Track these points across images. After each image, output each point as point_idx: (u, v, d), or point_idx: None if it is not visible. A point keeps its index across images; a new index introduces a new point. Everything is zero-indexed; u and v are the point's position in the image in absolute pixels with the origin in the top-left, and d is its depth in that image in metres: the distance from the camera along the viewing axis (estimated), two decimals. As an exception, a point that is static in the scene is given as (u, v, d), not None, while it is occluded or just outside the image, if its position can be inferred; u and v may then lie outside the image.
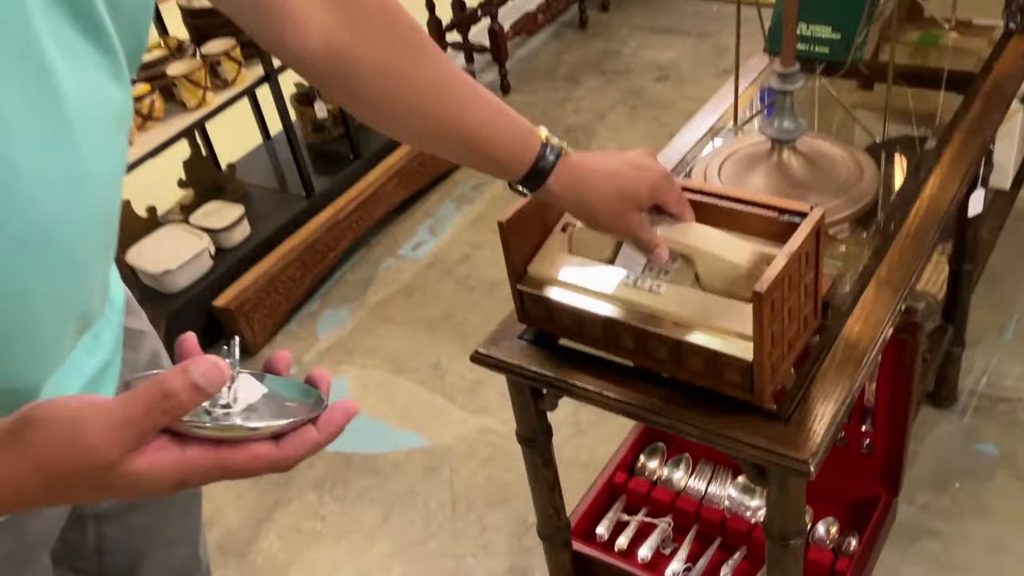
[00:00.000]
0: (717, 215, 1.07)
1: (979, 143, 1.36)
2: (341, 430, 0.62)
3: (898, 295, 1.13)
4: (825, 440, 0.98)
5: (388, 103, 0.86)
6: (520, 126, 0.91)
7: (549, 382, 1.12)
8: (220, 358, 0.59)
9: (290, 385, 0.68)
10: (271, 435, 0.60)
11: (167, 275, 2.29)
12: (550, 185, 0.93)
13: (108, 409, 0.56)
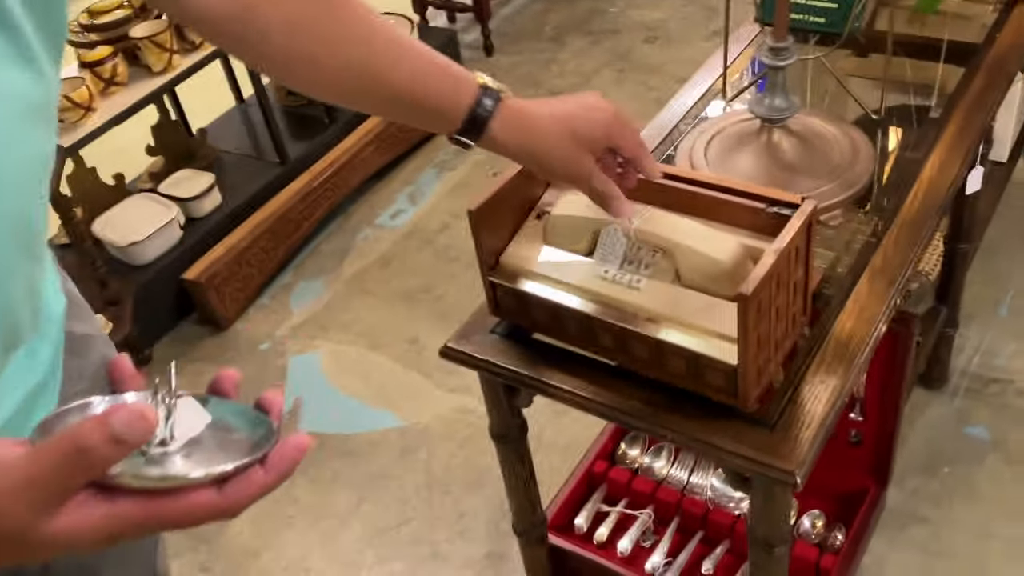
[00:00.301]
0: (700, 204, 0.99)
1: (980, 121, 1.28)
2: (292, 469, 0.55)
3: (893, 287, 1.06)
4: (813, 449, 0.92)
5: (306, 63, 0.79)
6: (453, 72, 0.84)
7: (522, 380, 1.05)
8: (145, 404, 0.52)
9: (237, 411, 0.61)
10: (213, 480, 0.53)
11: (134, 247, 2.20)
12: (493, 132, 0.85)
13: (12, 466, 0.49)
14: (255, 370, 2.18)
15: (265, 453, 0.55)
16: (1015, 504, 1.63)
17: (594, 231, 1.01)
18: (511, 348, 1.08)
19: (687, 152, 1.26)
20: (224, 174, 2.47)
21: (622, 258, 1.00)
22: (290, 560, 1.77)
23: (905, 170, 1.22)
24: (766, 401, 0.96)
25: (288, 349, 2.22)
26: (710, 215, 0.99)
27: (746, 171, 1.20)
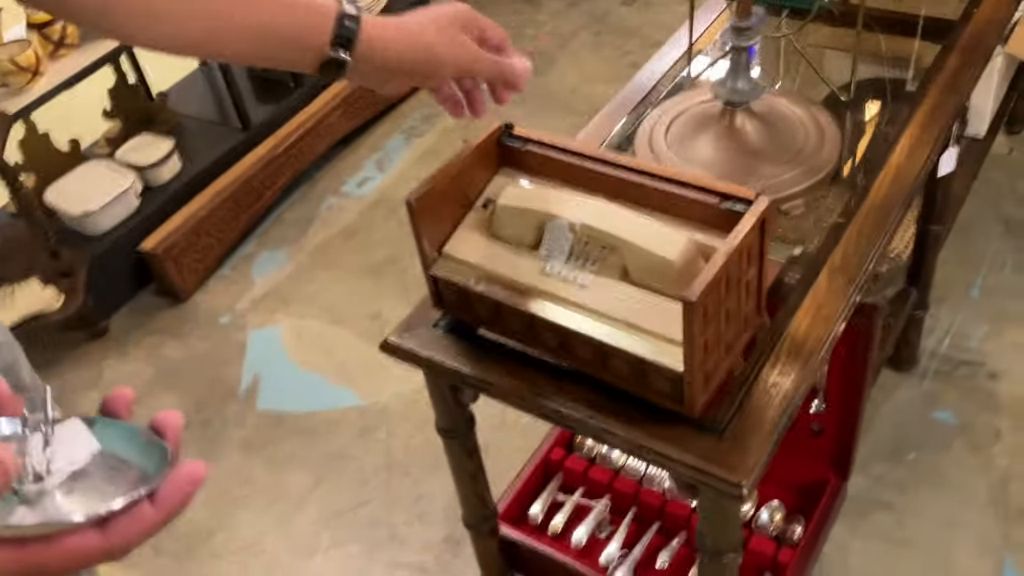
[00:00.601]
0: (651, 197, 0.94)
1: (954, 103, 1.23)
2: (185, 504, 0.52)
3: (853, 285, 1.01)
4: (763, 457, 0.87)
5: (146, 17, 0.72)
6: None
7: (463, 378, 1.01)
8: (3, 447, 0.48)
9: (128, 435, 0.57)
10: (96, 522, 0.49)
11: (88, 217, 2.13)
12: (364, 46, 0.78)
13: None
14: (214, 345, 2.12)
15: (155, 488, 0.51)
16: (981, 492, 1.61)
17: (540, 224, 0.96)
18: (454, 344, 1.03)
19: (647, 134, 1.21)
20: (185, 140, 2.39)
21: (568, 254, 0.95)
22: (243, 542, 1.73)
23: (873, 155, 1.17)
24: (715, 405, 0.92)
25: (248, 322, 2.17)
26: (661, 208, 0.94)
27: (706, 156, 1.15)
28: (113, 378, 2.07)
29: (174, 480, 0.51)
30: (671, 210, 0.93)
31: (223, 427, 1.94)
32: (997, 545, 1.54)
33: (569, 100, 2.69)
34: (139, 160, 2.27)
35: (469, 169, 1.00)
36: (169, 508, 0.51)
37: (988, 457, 1.67)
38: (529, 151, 1.00)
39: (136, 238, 2.20)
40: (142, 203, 2.24)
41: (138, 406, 1.86)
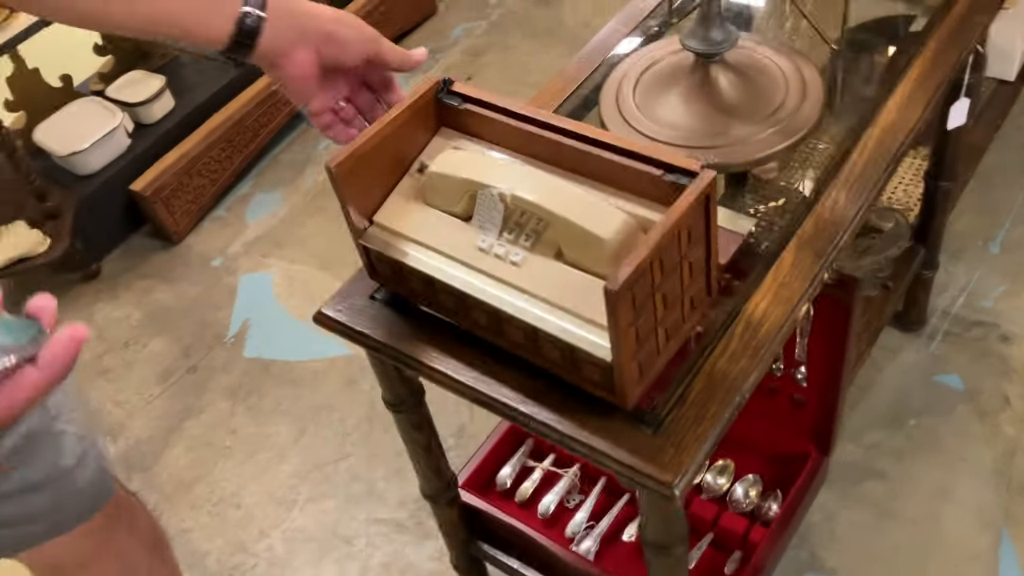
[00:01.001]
0: (592, 165, 0.86)
1: (957, 54, 1.11)
2: (68, 363, 0.54)
3: (821, 261, 0.93)
4: (698, 458, 0.80)
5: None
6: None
7: (396, 356, 0.94)
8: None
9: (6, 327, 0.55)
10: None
11: (76, 156, 2.09)
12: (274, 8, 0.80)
13: None
14: (204, 289, 2.09)
15: (35, 352, 0.53)
16: (981, 464, 1.53)
17: (472, 193, 0.88)
18: (390, 318, 0.97)
19: (615, 87, 1.11)
20: (178, 76, 2.32)
21: (500, 227, 0.87)
22: (223, 494, 1.72)
23: (856, 117, 1.07)
24: (657, 394, 0.85)
25: (240, 267, 2.12)
26: (603, 179, 0.86)
27: (675, 114, 1.05)
28: (103, 322, 2.05)
29: (55, 341, 0.53)
30: (614, 181, 0.85)
31: (210, 374, 1.91)
32: (995, 520, 1.46)
33: (580, 35, 2.56)
34: (130, 97, 2.21)
35: (403, 130, 0.92)
36: (52, 367, 0.53)
37: (994, 425, 1.58)
38: (468, 110, 0.92)
39: (127, 178, 2.15)
40: (133, 142, 2.18)
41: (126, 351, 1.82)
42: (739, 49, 1.08)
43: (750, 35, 1.13)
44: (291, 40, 0.82)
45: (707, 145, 1.02)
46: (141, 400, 1.89)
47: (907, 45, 1.16)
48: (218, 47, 0.81)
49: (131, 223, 2.22)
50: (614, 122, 1.07)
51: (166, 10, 0.77)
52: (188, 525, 1.69)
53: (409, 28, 2.66)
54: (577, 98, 1.18)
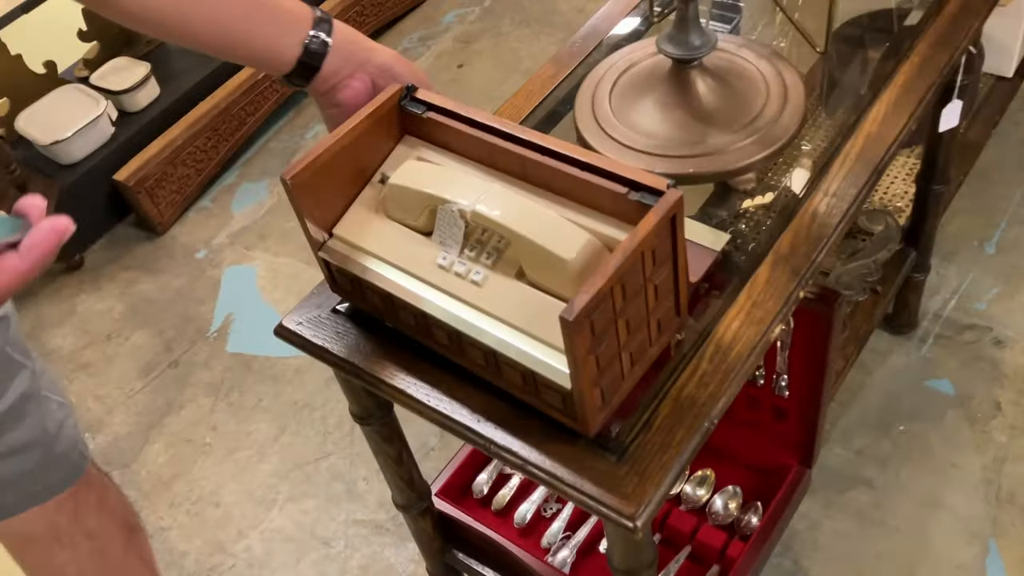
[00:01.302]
0: (557, 181, 0.82)
1: (946, 58, 1.07)
2: (50, 252, 0.55)
3: (797, 279, 0.89)
4: (662, 488, 0.78)
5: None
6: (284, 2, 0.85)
7: (355, 372, 0.92)
8: None
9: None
10: None
11: (58, 145, 2.05)
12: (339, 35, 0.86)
13: None
14: (188, 281, 2.06)
15: (18, 240, 0.54)
16: (970, 472, 1.50)
17: (432, 207, 0.85)
18: (351, 332, 0.94)
19: (591, 90, 1.07)
20: (164, 64, 2.29)
21: (462, 243, 0.84)
22: (202, 492, 1.70)
23: (837, 124, 1.03)
24: (622, 416, 0.82)
25: (224, 259, 2.10)
26: (569, 194, 0.82)
27: (650, 121, 1.01)
28: (85, 314, 2.02)
29: (39, 229, 0.55)
30: (579, 197, 0.82)
31: (191, 369, 1.89)
32: (983, 530, 1.44)
33: (575, 21, 2.52)
34: (114, 85, 2.17)
35: (364, 139, 0.88)
36: (33, 255, 0.54)
37: (985, 432, 1.54)
38: (431, 119, 0.89)
39: (111, 168, 2.12)
40: (117, 130, 2.15)
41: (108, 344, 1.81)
42: (718, 52, 1.04)
43: (730, 37, 1.09)
44: (350, 70, 0.87)
45: (683, 154, 0.98)
46: (122, 395, 1.87)
47: (897, 45, 1.12)
48: (284, 70, 0.86)
49: (115, 213, 2.19)
50: (588, 128, 1.03)
51: (239, 32, 0.82)
52: (166, 524, 1.67)
53: (401, 14, 2.62)
54: (567, 86, 1.14)
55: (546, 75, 1.16)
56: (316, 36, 0.84)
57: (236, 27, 0.82)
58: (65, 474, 1.05)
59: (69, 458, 1.05)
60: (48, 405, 1.01)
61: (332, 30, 0.86)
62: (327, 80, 0.87)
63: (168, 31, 0.83)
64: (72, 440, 1.05)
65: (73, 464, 1.06)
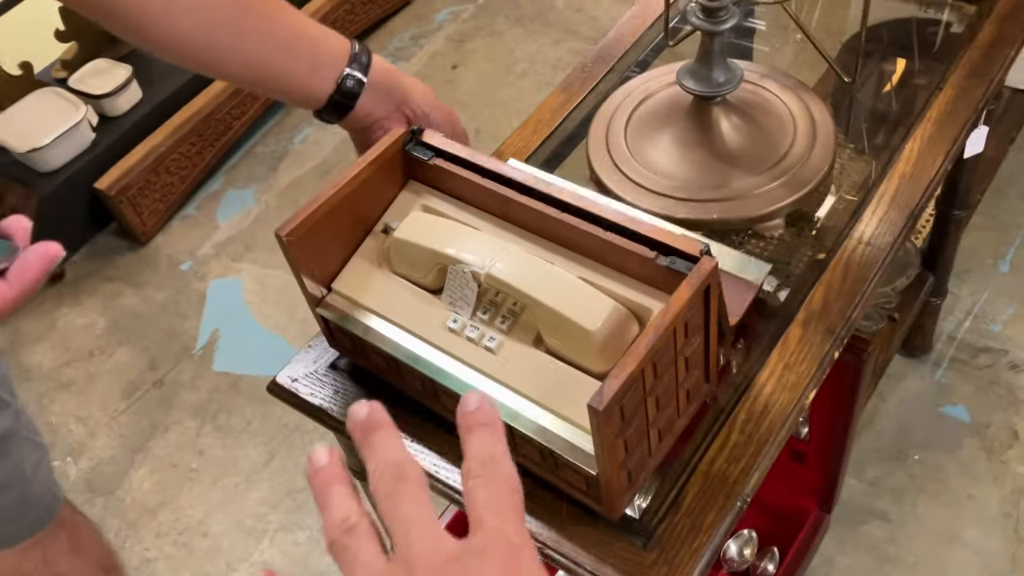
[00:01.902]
0: (577, 239, 0.76)
1: (981, 91, 1.01)
2: (39, 279, 0.54)
3: (831, 338, 0.83)
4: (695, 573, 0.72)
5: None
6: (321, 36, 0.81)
7: (358, 438, 0.85)
8: None
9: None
10: None
11: (36, 152, 1.97)
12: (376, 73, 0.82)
13: None
14: (172, 295, 1.98)
15: (5, 267, 0.53)
16: (988, 505, 1.45)
17: (441, 265, 0.78)
18: (352, 391, 0.88)
19: (605, 123, 1.01)
20: (146, 66, 2.19)
21: (474, 306, 0.77)
22: (190, 521, 1.63)
23: (871, 164, 0.97)
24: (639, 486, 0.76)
25: (209, 271, 2.02)
26: (590, 254, 0.76)
27: (671, 161, 0.95)
28: (67, 330, 1.95)
29: (25, 257, 0.53)
30: (603, 258, 0.75)
31: (176, 390, 1.82)
32: (1002, 567, 1.39)
33: (572, 21, 2.44)
34: (94, 88, 2.08)
35: (366, 186, 0.82)
36: (22, 283, 0.53)
37: (1003, 462, 1.50)
38: (437, 166, 0.82)
39: (91, 176, 2.04)
40: (98, 136, 2.06)
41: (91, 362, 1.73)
42: (742, 84, 0.97)
43: (752, 65, 1.03)
44: (387, 109, 0.84)
45: (705, 198, 0.92)
46: (105, 416, 1.80)
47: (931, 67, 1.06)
48: (316, 106, 0.83)
49: (96, 222, 2.11)
50: (603, 167, 0.97)
51: (272, 67, 0.79)
52: (152, 555, 1.60)
53: (392, 11, 2.53)
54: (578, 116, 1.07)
55: (555, 103, 1.09)
56: (351, 74, 0.81)
57: (269, 62, 0.79)
58: (36, 517, 1.01)
59: (43, 501, 1.01)
60: (26, 446, 0.97)
61: (369, 67, 0.82)
62: (361, 120, 0.84)
63: (197, 63, 0.79)
64: (46, 483, 1.01)
65: (47, 507, 1.02)
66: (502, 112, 2.21)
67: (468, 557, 0.39)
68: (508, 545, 0.40)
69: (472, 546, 0.39)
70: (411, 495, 0.41)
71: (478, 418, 0.44)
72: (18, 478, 0.96)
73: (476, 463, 0.42)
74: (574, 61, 2.15)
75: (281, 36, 0.79)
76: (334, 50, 0.81)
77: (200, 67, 0.80)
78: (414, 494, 0.41)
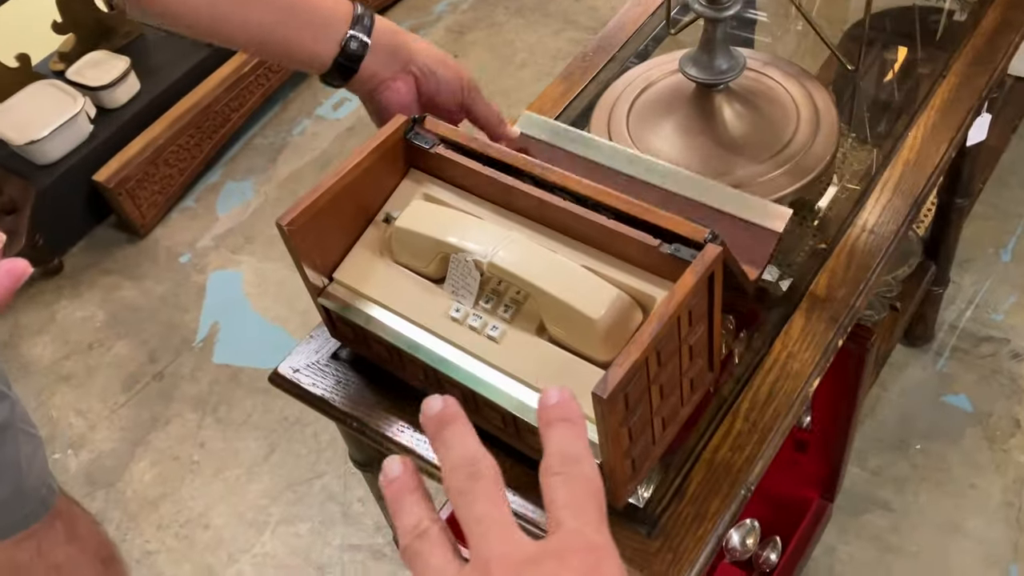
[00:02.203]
0: (579, 226, 0.75)
1: (985, 78, 1.00)
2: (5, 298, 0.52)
3: (835, 327, 0.83)
4: (699, 565, 0.71)
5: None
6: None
7: (360, 427, 0.85)
8: None
9: None
10: None
11: (34, 145, 1.96)
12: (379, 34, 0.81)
13: None
14: (171, 287, 1.98)
15: None
16: (990, 494, 1.45)
17: (443, 254, 0.77)
18: (354, 381, 0.87)
19: (607, 112, 1.00)
20: (144, 57, 2.18)
21: (476, 295, 0.77)
22: (190, 514, 1.63)
23: (874, 151, 0.96)
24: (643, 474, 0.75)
25: (209, 263, 2.01)
26: (594, 242, 0.75)
27: (673, 149, 0.94)
28: (66, 323, 1.94)
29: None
30: (605, 245, 0.75)
31: (176, 383, 1.81)
32: (1003, 555, 1.39)
33: (572, 11, 2.43)
34: (92, 80, 2.07)
35: (367, 175, 0.81)
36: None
37: (1005, 452, 1.50)
38: (439, 154, 0.81)
39: (90, 168, 2.03)
40: (96, 128, 2.05)
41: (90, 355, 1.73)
42: (745, 71, 0.97)
43: (755, 53, 1.02)
44: (393, 70, 0.84)
45: (709, 186, 0.91)
46: (105, 409, 1.79)
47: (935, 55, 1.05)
48: (321, 70, 0.82)
49: (94, 215, 2.10)
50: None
51: (275, 34, 0.79)
52: (154, 547, 1.60)
53: (391, 2, 2.52)
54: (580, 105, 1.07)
55: (556, 93, 1.08)
56: (355, 36, 0.81)
57: (271, 27, 0.79)
58: (31, 509, 1.00)
59: (38, 493, 1.00)
60: (21, 437, 0.97)
61: (372, 28, 0.81)
62: (366, 82, 0.84)
63: (199, 31, 0.80)
64: (42, 474, 1.01)
65: (42, 499, 1.01)
66: (502, 102, 2.20)
67: (546, 559, 0.38)
68: (588, 547, 0.38)
69: (550, 548, 0.38)
70: (486, 493, 0.40)
71: (559, 412, 0.42)
72: (13, 470, 0.96)
73: (556, 460, 0.41)
74: (574, 51, 2.14)
75: (282, 1, 0.79)
76: (336, 13, 0.81)
77: (202, 35, 0.81)
78: (489, 492, 0.40)
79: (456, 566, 0.39)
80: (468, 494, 0.40)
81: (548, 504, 0.40)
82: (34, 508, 1.01)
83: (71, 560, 1.07)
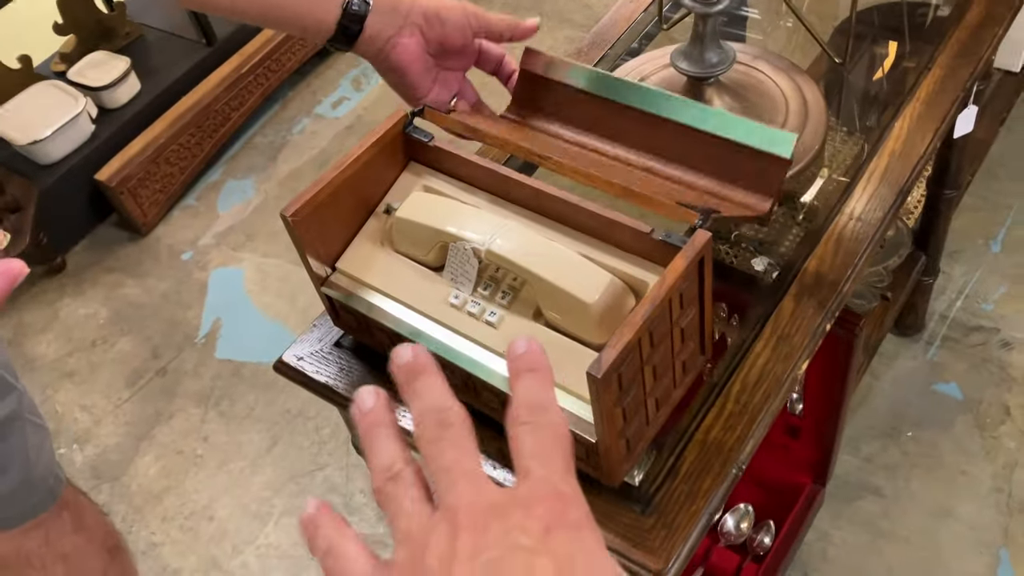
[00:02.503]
0: (573, 215, 0.78)
1: (969, 70, 1.03)
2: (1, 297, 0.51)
3: (824, 311, 0.85)
4: (691, 540, 0.74)
5: None
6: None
7: (363, 413, 0.87)
8: None
9: None
10: None
11: (36, 145, 1.98)
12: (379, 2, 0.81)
13: None
14: (174, 284, 2.00)
15: None
16: (980, 480, 1.47)
17: (442, 243, 0.80)
18: (357, 368, 0.90)
19: (600, 105, 1.02)
20: (144, 57, 2.21)
21: (475, 282, 0.79)
22: (195, 506, 1.65)
23: (861, 142, 0.99)
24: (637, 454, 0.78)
25: (210, 261, 2.04)
26: (588, 230, 0.78)
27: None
28: (69, 320, 1.97)
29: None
30: (599, 233, 0.77)
31: (179, 378, 1.84)
32: (994, 540, 1.42)
33: (566, 8, 2.46)
34: (93, 80, 2.10)
35: (367, 168, 0.84)
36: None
37: (994, 438, 1.52)
38: (437, 147, 0.84)
39: (92, 167, 2.05)
40: (97, 128, 2.08)
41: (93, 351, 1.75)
42: (735, 66, 0.99)
43: (745, 47, 1.05)
44: (396, 25, 0.83)
45: (700, 177, 0.94)
46: (109, 404, 1.82)
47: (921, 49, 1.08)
48: (325, 35, 0.82)
49: (97, 213, 2.13)
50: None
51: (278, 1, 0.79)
52: (159, 539, 1.63)
53: (388, 1, 2.54)
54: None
55: (552, 87, 1.10)
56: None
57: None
58: (39, 499, 1.02)
59: (46, 483, 1.02)
60: (29, 428, 0.98)
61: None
62: (373, 42, 0.83)
63: (207, 4, 0.81)
64: (49, 465, 1.03)
65: (49, 488, 1.03)
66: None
67: (512, 507, 0.37)
68: (555, 495, 0.38)
69: (517, 495, 0.38)
70: (455, 442, 0.39)
71: (526, 362, 0.42)
72: (21, 460, 0.97)
73: (523, 409, 0.40)
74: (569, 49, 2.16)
75: None
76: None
77: (203, 6, 0.81)
78: (458, 441, 0.39)
79: (428, 511, 0.38)
80: (437, 442, 0.39)
81: (515, 453, 0.40)
82: (42, 498, 1.03)
83: (78, 549, 1.09)
